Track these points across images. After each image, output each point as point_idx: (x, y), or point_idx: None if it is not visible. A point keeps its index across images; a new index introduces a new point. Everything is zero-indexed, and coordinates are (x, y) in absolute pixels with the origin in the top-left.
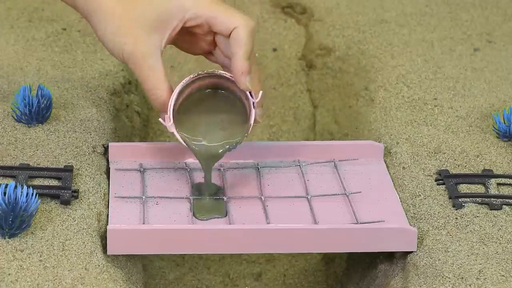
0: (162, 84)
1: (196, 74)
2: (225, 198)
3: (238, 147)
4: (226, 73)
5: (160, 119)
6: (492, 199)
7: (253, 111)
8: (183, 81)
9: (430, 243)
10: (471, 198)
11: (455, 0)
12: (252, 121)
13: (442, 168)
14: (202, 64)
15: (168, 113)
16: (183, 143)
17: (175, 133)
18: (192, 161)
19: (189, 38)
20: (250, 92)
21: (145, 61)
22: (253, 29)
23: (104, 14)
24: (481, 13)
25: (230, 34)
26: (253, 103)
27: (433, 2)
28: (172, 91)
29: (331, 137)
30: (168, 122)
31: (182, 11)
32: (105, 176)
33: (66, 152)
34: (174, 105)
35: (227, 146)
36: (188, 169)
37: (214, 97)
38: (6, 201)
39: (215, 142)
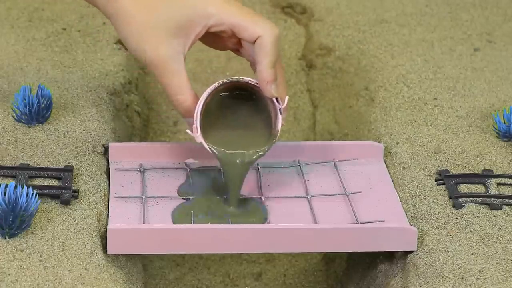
0: (185, 89)
1: (221, 82)
2: (225, 198)
3: None
4: (251, 79)
5: (187, 130)
6: (492, 199)
7: (279, 116)
8: (208, 90)
9: (430, 243)
10: (471, 198)
11: (455, 0)
12: (279, 127)
13: (442, 168)
14: (202, 64)
15: (195, 123)
16: (210, 151)
17: (203, 143)
18: (192, 161)
19: (213, 39)
20: (276, 98)
21: (167, 66)
22: (277, 37)
23: (125, 18)
24: (481, 13)
25: (254, 41)
26: (280, 109)
27: (433, 2)
28: (196, 96)
29: (331, 137)
30: (196, 132)
31: (205, 18)
32: (105, 176)
33: (66, 152)
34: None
35: (256, 155)
36: (188, 169)
37: (235, 99)
38: (6, 201)
39: (242, 150)
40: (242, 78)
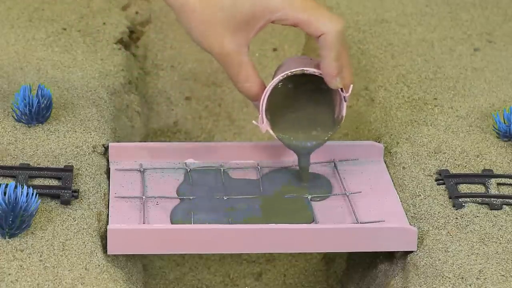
0: (252, 77)
1: (284, 75)
2: (225, 198)
3: (238, 147)
4: (315, 70)
5: (253, 121)
6: (492, 199)
7: (344, 104)
8: (272, 83)
9: (430, 243)
10: (471, 198)
11: (455, 0)
12: (344, 113)
13: (442, 168)
14: (202, 64)
15: (260, 114)
16: (277, 139)
17: (270, 131)
18: (192, 161)
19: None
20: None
21: (233, 59)
22: (340, 33)
23: (190, 12)
24: (481, 13)
25: (319, 37)
26: (344, 97)
27: (433, 2)
28: (262, 82)
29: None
30: (262, 123)
31: (268, 13)
32: (105, 176)
33: (66, 152)
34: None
35: (317, 142)
36: (188, 169)
37: (300, 89)
38: (6, 201)
39: (304, 139)
40: (307, 70)
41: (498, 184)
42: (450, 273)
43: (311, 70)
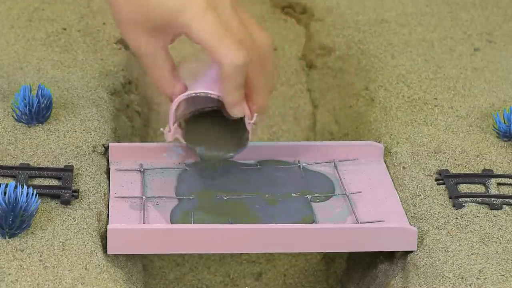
0: (165, 81)
1: (188, 94)
2: (225, 198)
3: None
4: (219, 96)
5: (161, 128)
6: (492, 199)
7: (248, 130)
8: (177, 99)
9: (430, 243)
10: (471, 198)
11: (455, 0)
12: (248, 138)
13: (442, 168)
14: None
15: (169, 121)
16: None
17: (180, 138)
18: (192, 161)
19: None
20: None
21: (148, 60)
22: (239, 67)
23: (115, 6)
24: (481, 13)
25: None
26: (249, 123)
27: (433, 2)
28: (181, 84)
29: (331, 137)
30: (168, 131)
31: (177, 27)
32: (105, 176)
33: (66, 152)
34: (184, 115)
35: (223, 158)
36: (186, 169)
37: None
38: (6, 201)
39: (212, 152)
40: (212, 94)
41: (498, 184)
42: (450, 273)
43: (215, 95)
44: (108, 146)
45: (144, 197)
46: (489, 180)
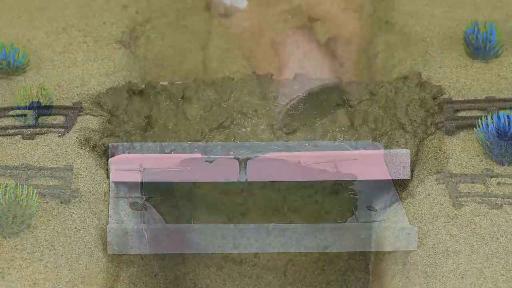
0: None
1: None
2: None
3: (242, 145)
4: None
5: None
6: (492, 198)
7: None
8: None
9: (430, 242)
10: (471, 198)
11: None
12: None
13: (443, 168)
14: (202, 64)
15: None
16: None
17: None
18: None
19: None
20: None
21: None
22: None
23: None
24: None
25: None
26: None
27: (434, 2)
28: None
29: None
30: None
31: None
32: (105, 176)
33: (66, 152)
34: None
35: None
36: (188, 169)
37: None
38: (6, 201)
39: None
40: None
41: (498, 183)
42: (450, 273)
43: None
44: (108, 146)
45: (144, 197)
46: (489, 180)
